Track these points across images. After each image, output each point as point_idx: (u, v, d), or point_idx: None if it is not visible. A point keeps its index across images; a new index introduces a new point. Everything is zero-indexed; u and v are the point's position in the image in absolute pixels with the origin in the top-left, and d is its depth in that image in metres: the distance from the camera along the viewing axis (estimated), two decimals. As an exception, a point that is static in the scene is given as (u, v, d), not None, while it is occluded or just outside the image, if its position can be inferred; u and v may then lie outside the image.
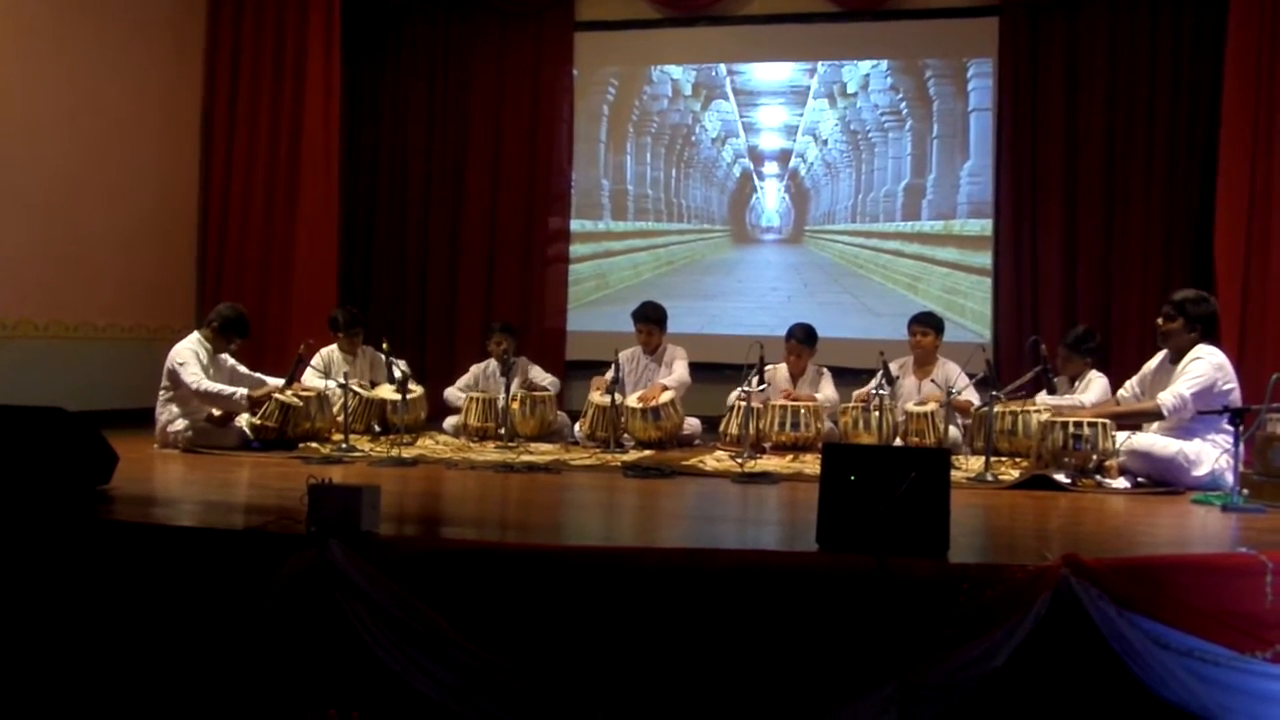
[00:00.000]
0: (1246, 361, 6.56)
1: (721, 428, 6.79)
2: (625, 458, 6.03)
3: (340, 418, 6.38)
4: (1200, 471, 5.14)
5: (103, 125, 7.50)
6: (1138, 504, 4.83)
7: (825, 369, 7.11)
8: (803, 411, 6.52)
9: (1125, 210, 7.91)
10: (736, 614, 3.09)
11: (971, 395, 6.36)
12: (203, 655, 3.27)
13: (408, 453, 5.89)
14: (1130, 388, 5.73)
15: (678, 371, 7.02)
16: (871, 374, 6.46)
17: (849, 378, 7.12)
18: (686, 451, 6.43)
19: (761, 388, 6.22)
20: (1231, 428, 4.75)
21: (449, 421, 7.18)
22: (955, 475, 4.75)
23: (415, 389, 6.85)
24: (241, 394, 6.17)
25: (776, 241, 8.89)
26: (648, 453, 6.33)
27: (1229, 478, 4.88)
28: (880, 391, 6.15)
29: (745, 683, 3.04)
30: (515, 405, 6.77)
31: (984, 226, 8.31)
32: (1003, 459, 5.89)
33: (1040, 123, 8.11)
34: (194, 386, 6.08)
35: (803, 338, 7.00)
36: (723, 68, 8.91)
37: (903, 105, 8.55)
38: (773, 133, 8.82)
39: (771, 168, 8.85)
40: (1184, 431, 5.26)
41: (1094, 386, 6.23)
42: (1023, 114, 8.13)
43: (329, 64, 8.35)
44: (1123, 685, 2.92)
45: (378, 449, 6.15)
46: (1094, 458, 5.29)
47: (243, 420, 6.24)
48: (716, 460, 5.98)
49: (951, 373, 6.53)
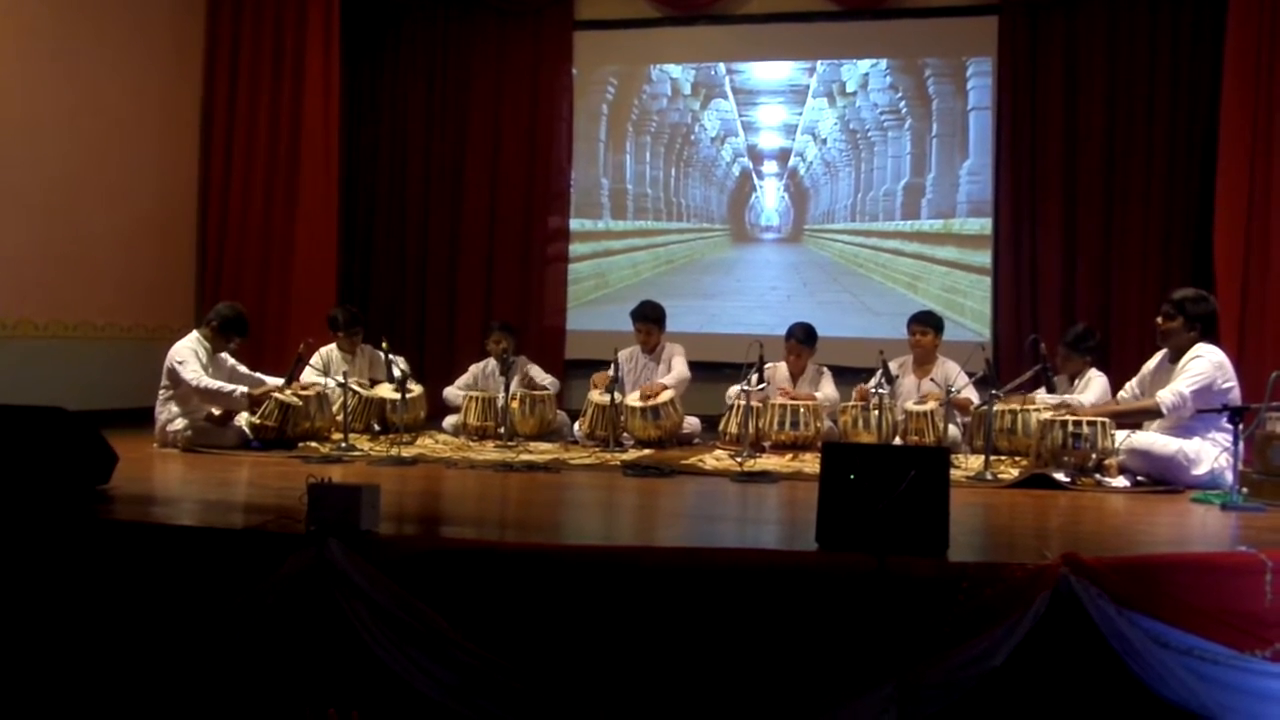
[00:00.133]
0: (1246, 360, 6.56)
1: (721, 427, 6.78)
2: (625, 457, 6.03)
3: (340, 417, 6.38)
4: (1200, 470, 5.14)
5: (102, 125, 7.50)
6: (1137, 503, 4.83)
7: (825, 368, 7.11)
8: (802, 410, 6.52)
9: (1125, 209, 7.91)
10: (736, 613, 3.09)
11: (971, 394, 6.36)
12: (203, 654, 3.27)
13: (407, 452, 5.89)
14: (1130, 388, 5.73)
15: (677, 369, 7.02)
16: (871, 373, 6.46)
17: (849, 377, 7.12)
18: (686, 450, 6.43)
19: (761, 386, 6.22)
20: (1231, 426, 4.76)
21: (448, 421, 7.18)
22: (955, 474, 4.74)
23: (414, 388, 6.85)
24: (241, 391, 6.18)
25: (776, 240, 8.89)
26: (647, 452, 6.33)
27: (1228, 476, 4.88)
28: (880, 390, 6.15)
29: (745, 682, 3.04)
30: (515, 404, 6.77)
31: (983, 225, 8.32)
32: (1002, 458, 5.88)
33: (1040, 122, 8.11)
34: (194, 384, 6.08)
35: (802, 337, 7.00)
36: (722, 67, 8.91)
37: (902, 104, 8.55)
38: (772, 132, 8.82)
39: (771, 167, 8.85)
40: (1184, 430, 5.27)
41: (1094, 385, 6.22)
42: (1022, 113, 8.13)
43: (328, 63, 8.35)
44: (1122, 684, 2.93)
45: (377, 448, 6.15)
46: (1093, 456, 5.29)
47: (242, 419, 6.25)
48: (716, 459, 5.97)
49: (951, 371, 6.53)
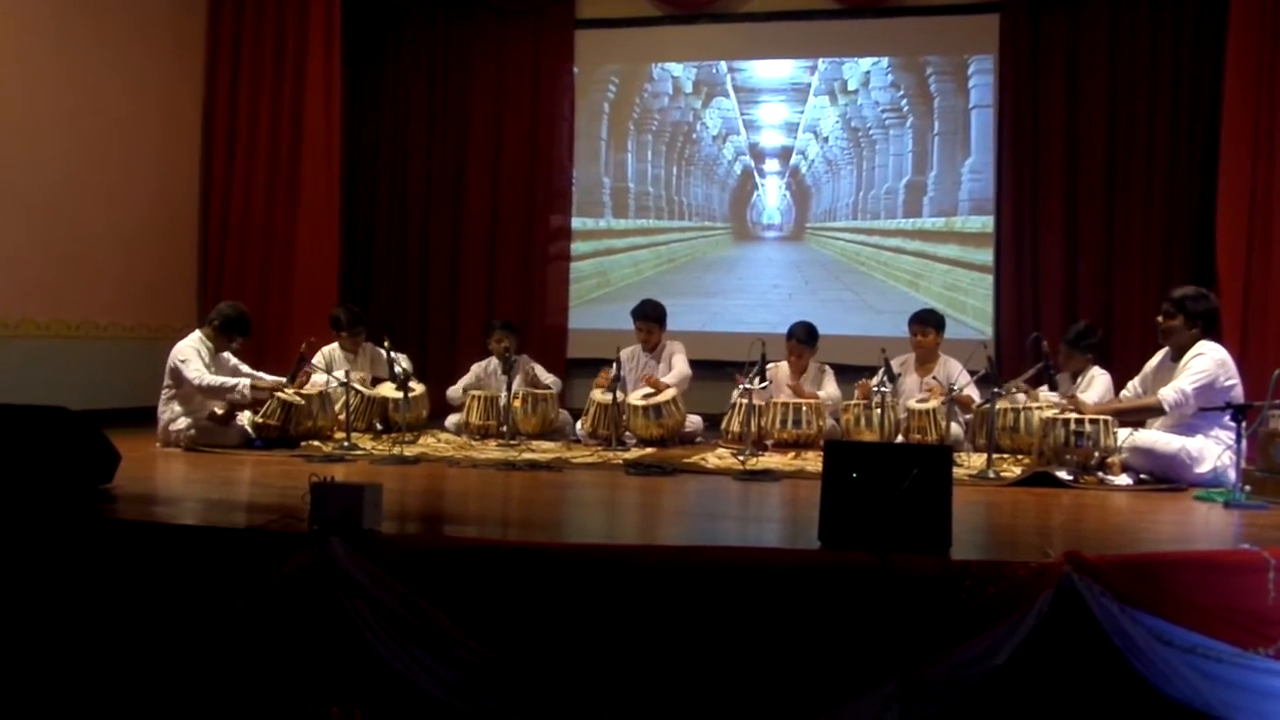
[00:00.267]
0: (1248, 358, 6.56)
1: (723, 425, 6.78)
2: (627, 455, 6.03)
3: (342, 416, 6.38)
4: (1203, 468, 5.14)
5: (103, 124, 7.49)
6: (1140, 501, 4.83)
7: (827, 366, 7.10)
8: (804, 409, 6.51)
9: (1126, 207, 7.91)
10: (738, 611, 3.09)
11: (973, 392, 6.35)
12: (205, 653, 3.27)
13: (409, 451, 5.89)
14: (1132, 387, 5.73)
15: (678, 367, 7.00)
16: (873, 371, 6.46)
17: (851, 375, 7.10)
18: (688, 449, 6.42)
19: (763, 385, 6.21)
20: (1234, 424, 4.76)
21: (451, 420, 7.18)
22: (957, 472, 4.74)
23: (416, 387, 6.86)
24: (244, 384, 6.19)
25: (778, 239, 8.89)
26: (649, 450, 6.33)
27: (1231, 474, 4.88)
28: (882, 389, 6.15)
29: (748, 680, 3.04)
30: (517, 403, 6.77)
31: (985, 223, 8.31)
32: (1005, 456, 5.89)
33: (1041, 120, 8.10)
34: (196, 382, 6.09)
35: (803, 337, 6.98)
36: (723, 65, 8.91)
37: (904, 102, 8.55)
38: (774, 130, 8.82)
39: (772, 165, 8.84)
40: (1186, 428, 5.26)
41: (1096, 383, 6.21)
42: (1024, 111, 8.13)
43: (329, 62, 8.35)
44: (1125, 682, 2.92)
45: (379, 447, 6.14)
46: (1096, 454, 5.29)
47: (245, 419, 6.25)
48: (718, 458, 5.97)
49: (953, 370, 6.53)
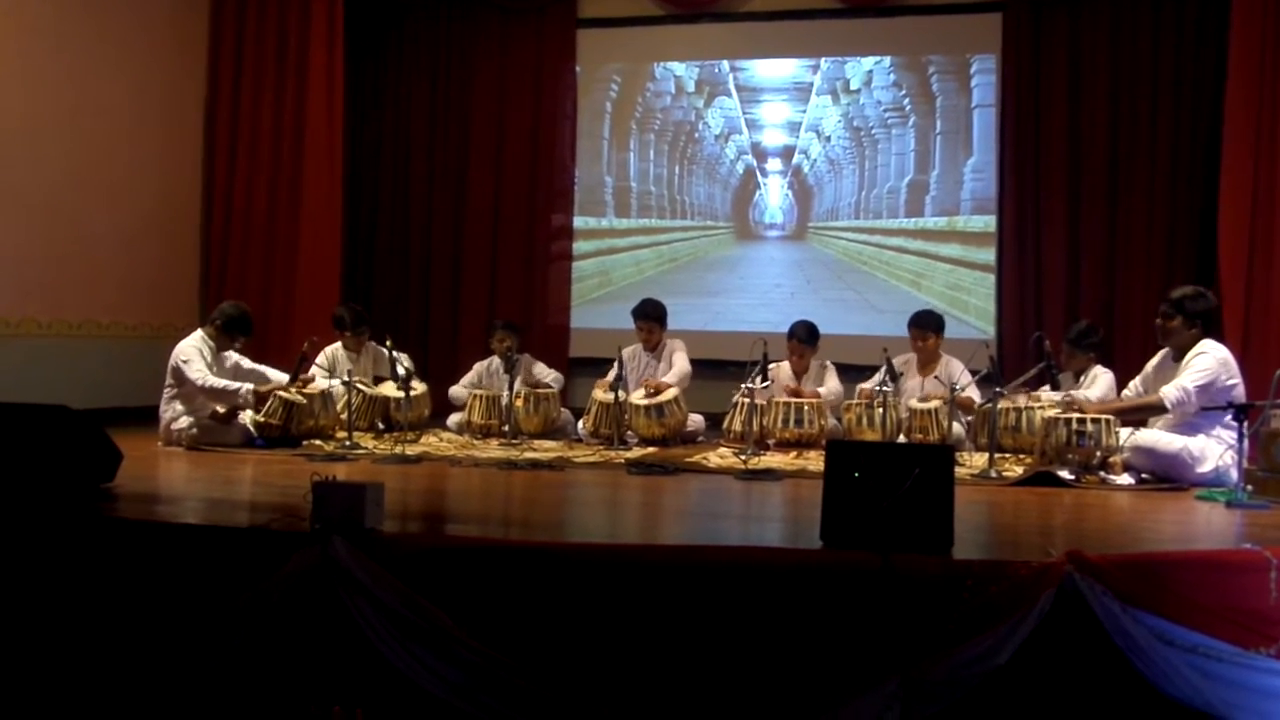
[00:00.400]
0: (1250, 357, 6.55)
1: (725, 424, 6.78)
2: (629, 455, 6.02)
3: (344, 415, 6.39)
4: (1204, 468, 5.13)
5: (105, 123, 7.50)
6: (1142, 500, 4.82)
7: (829, 363, 7.09)
8: (806, 408, 6.51)
9: (1129, 206, 7.90)
10: (740, 611, 3.09)
11: (974, 393, 6.35)
12: (207, 652, 3.27)
13: (411, 450, 5.89)
14: (1134, 387, 5.72)
15: (678, 365, 6.99)
16: (875, 370, 6.46)
17: (853, 374, 7.11)
18: (690, 448, 6.42)
19: (765, 385, 6.21)
20: (1236, 423, 4.75)
21: (452, 419, 7.18)
22: (959, 472, 4.70)
23: (418, 386, 6.86)
24: (247, 389, 6.20)
25: (780, 238, 8.88)
26: (651, 450, 6.33)
27: (1233, 474, 4.86)
28: (884, 388, 6.14)
29: (749, 679, 3.04)
30: (519, 402, 6.77)
31: (987, 223, 8.31)
32: (1007, 455, 5.89)
33: (1043, 119, 8.10)
34: (199, 383, 6.09)
35: (804, 336, 6.97)
36: (726, 64, 8.90)
37: (906, 101, 8.54)
38: (776, 129, 8.81)
39: (775, 164, 8.84)
40: (1188, 427, 5.25)
41: (1099, 381, 6.21)
42: (1026, 110, 8.13)
43: (331, 61, 8.36)
44: (1127, 682, 2.92)
45: (381, 446, 6.14)
46: (1098, 454, 5.29)
47: (246, 418, 6.25)
48: (720, 457, 5.97)
49: (955, 369, 6.52)
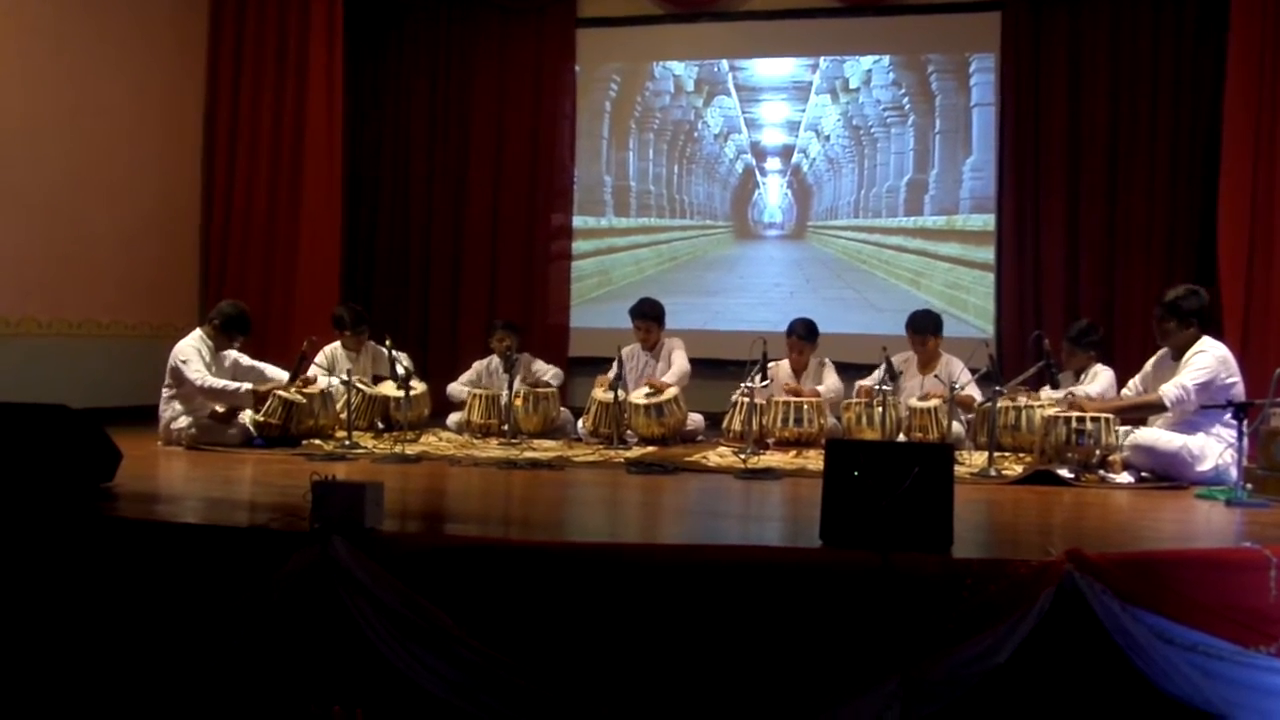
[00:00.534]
0: (1250, 356, 6.55)
1: (725, 424, 6.78)
2: (628, 454, 6.03)
3: (343, 414, 6.39)
4: (1204, 466, 5.14)
5: (105, 123, 7.50)
6: (1141, 499, 4.83)
7: (827, 360, 7.08)
8: (805, 407, 6.51)
9: (1128, 205, 7.90)
10: (740, 610, 3.09)
11: (974, 391, 6.35)
12: (207, 652, 3.27)
13: (411, 449, 5.89)
14: (1133, 386, 5.73)
15: (677, 363, 6.98)
16: (874, 369, 6.46)
17: (852, 373, 7.10)
18: (689, 448, 6.42)
19: (764, 384, 6.21)
20: (1235, 422, 4.76)
21: (452, 418, 7.18)
22: (959, 470, 4.70)
23: (418, 386, 6.86)
24: (246, 389, 6.20)
25: (779, 237, 8.88)
26: (651, 449, 6.33)
27: (1233, 472, 4.86)
28: (884, 387, 6.15)
29: (749, 678, 3.04)
30: (518, 402, 6.76)
31: (986, 222, 8.31)
32: (1006, 454, 5.89)
33: (1043, 118, 8.10)
34: (198, 384, 6.09)
35: (803, 333, 6.98)
36: (725, 63, 8.90)
37: (905, 100, 8.54)
38: (775, 128, 8.81)
39: (774, 163, 8.84)
40: (1188, 426, 5.26)
41: (1100, 378, 6.21)
42: (1025, 109, 8.12)
43: (331, 61, 8.35)
44: (1127, 680, 2.93)
45: (381, 446, 6.14)
46: (1097, 453, 5.29)
47: (246, 417, 6.25)
48: (720, 456, 5.97)
49: (955, 368, 6.52)
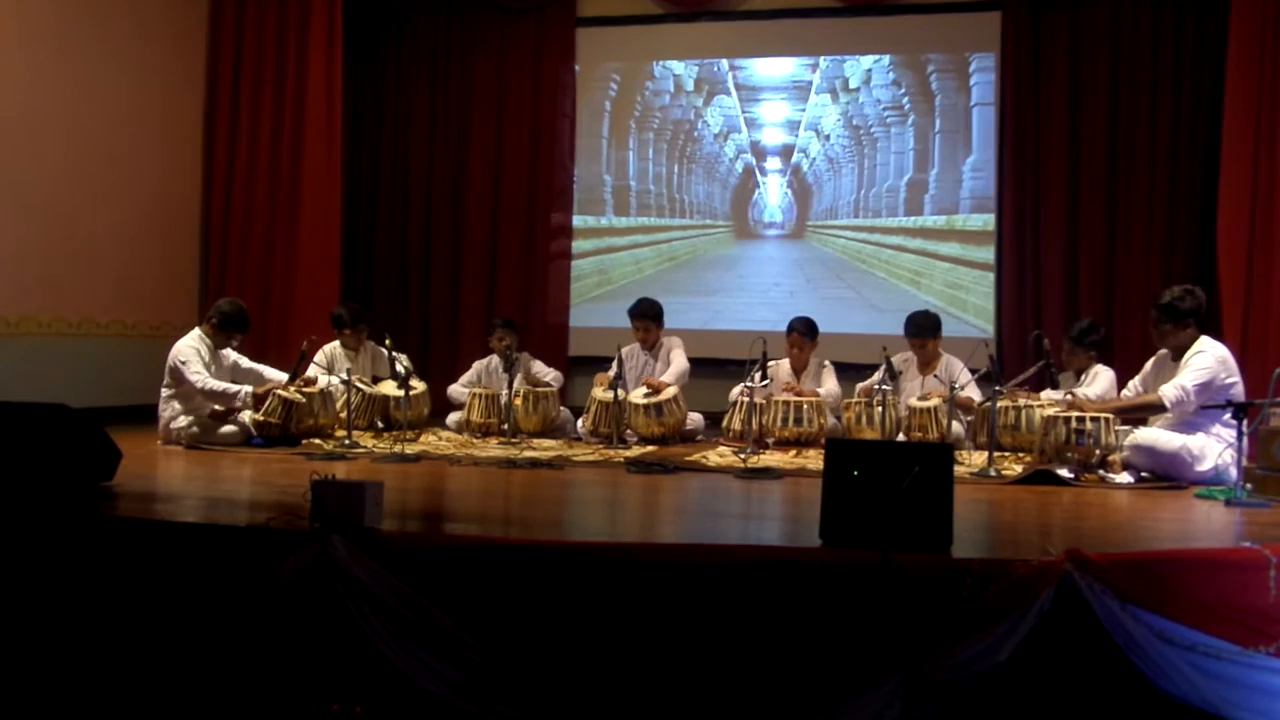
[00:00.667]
0: (1250, 356, 6.55)
1: (724, 423, 6.79)
2: (628, 453, 6.03)
3: (343, 414, 6.39)
4: (1204, 466, 5.14)
5: (105, 123, 7.50)
6: (1141, 499, 4.83)
7: (828, 363, 7.09)
8: (805, 407, 6.51)
9: (1128, 205, 7.90)
10: (740, 609, 3.09)
11: (973, 391, 6.35)
12: (206, 651, 3.27)
13: (410, 449, 5.89)
14: (1133, 386, 5.73)
15: (676, 362, 6.98)
16: (875, 369, 6.46)
17: (852, 373, 7.12)
18: (689, 447, 6.42)
19: (764, 383, 6.21)
20: (1235, 422, 4.76)
21: (452, 417, 7.18)
22: (958, 470, 4.71)
23: (418, 385, 6.86)
24: (245, 391, 6.19)
25: (779, 237, 8.88)
26: (650, 448, 6.33)
27: (1233, 472, 4.87)
28: (884, 387, 6.15)
29: (749, 677, 3.04)
30: (518, 401, 6.77)
31: (986, 221, 8.31)
32: (1006, 454, 5.89)
33: (1043, 117, 8.09)
34: (198, 385, 6.09)
35: (804, 330, 6.98)
36: (725, 63, 8.90)
37: (905, 100, 8.54)
38: (775, 128, 8.81)
39: (774, 163, 8.84)
40: (1187, 426, 5.26)
41: (1100, 378, 6.22)
42: (1025, 109, 8.12)
43: (331, 61, 8.34)
44: (1126, 680, 2.93)
45: (381, 445, 6.14)
46: (1097, 453, 5.30)
47: (246, 416, 6.25)
48: (719, 456, 5.97)
49: (955, 368, 6.52)
